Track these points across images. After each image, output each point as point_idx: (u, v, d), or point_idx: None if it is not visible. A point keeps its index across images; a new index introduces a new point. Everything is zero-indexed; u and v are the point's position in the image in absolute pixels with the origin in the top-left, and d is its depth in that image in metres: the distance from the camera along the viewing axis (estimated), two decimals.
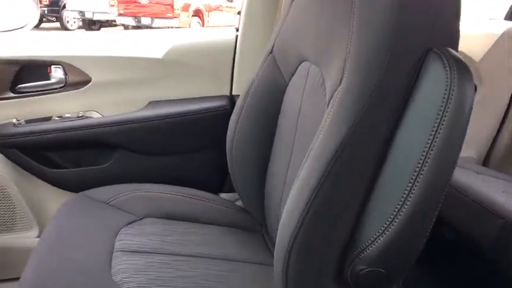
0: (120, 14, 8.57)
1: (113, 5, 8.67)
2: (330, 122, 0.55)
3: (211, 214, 1.00)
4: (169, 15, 7.99)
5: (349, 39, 0.57)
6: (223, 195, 1.24)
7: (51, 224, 0.87)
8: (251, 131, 0.91)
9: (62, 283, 0.70)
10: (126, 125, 1.07)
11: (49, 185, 1.12)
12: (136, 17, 8.27)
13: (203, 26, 8.76)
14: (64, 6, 9.66)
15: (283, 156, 0.83)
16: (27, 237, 1.14)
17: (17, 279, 1.14)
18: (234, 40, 1.14)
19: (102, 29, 10.16)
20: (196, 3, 8.44)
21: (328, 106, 0.60)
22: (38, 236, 1.15)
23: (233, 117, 0.94)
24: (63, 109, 1.08)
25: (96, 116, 1.09)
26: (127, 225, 0.89)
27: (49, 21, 10.20)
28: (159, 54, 1.10)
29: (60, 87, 1.08)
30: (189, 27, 8.21)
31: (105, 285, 0.70)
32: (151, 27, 8.37)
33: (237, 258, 0.87)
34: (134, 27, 8.59)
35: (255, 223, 1.01)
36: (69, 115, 1.07)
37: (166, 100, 1.13)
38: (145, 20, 8.15)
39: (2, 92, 1.06)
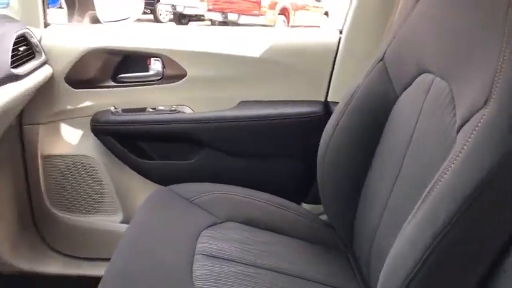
0: (208, 9, 8.88)
1: (203, 0, 9.02)
2: (468, 152, 0.46)
3: (294, 226, 0.94)
4: (256, 12, 8.08)
5: (501, 51, 0.47)
6: (305, 205, 1.17)
7: (138, 215, 0.88)
8: (349, 141, 0.83)
9: (145, 281, 0.69)
10: (215, 123, 1.05)
11: (136, 174, 1.14)
12: (223, 12, 8.49)
13: (288, 24, 8.74)
14: (158, 0, 10.29)
15: (386, 176, 0.74)
16: (111, 221, 1.18)
17: (99, 259, 1.21)
18: (337, 43, 1.06)
19: (190, 23, 10.65)
20: (283, 2, 8.44)
21: (460, 131, 0.50)
22: (122, 221, 1.18)
23: (330, 124, 0.87)
24: (157, 101, 1.09)
25: (187, 111, 1.09)
26: (209, 227, 0.87)
27: (144, 13, 10.95)
28: (256, 53, 1.06)
29: (157, 80, 1.09)
30: (274, 25, 8.24)
31: None
32: (237, 24, 8.55)
33: (318, 279, 0.80)
34: (221, 23, 8.85)
35: (339, 242, 0.93)
36: (162, 108, 1.08)
37: (257, 101, 1.09)
38: (232, 16, 8.34)
39: (104, 80, 1.10)
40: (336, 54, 1.06)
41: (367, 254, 0.76)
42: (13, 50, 0.87)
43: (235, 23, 8.66)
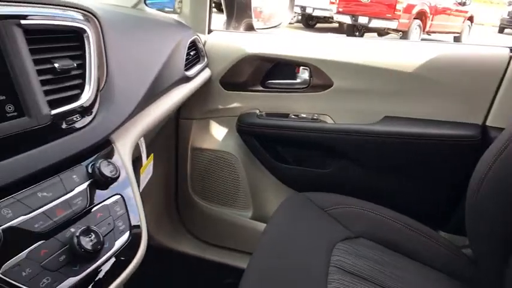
0: (338, 12, 8.75)
1: (333, 3, 8.92)
2: None
3: (432, 255, 0.88)
4: (389, 15, 7.70)
5: None
6: (442, 233, 1.09)
7: (276, 216, 0.92)
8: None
9: (283, 281, 0.73)
10: (357, 136, 1.03)
11: (270, 175, 1.20)
12: (354, 15, 8.29)
13: (423, 30, 8.14)
14: None
15: None
16: (242, 216, 1.26)
17: (225, 247, 1.30)
18: (506, 63, 0.95)
19: (317, 24, 10.67)
20: (421, 5, 7.89)
21: None
22: (251, 217, 1.25)
23: (490, 152, 0.78)
24: (300, 109, 1.12)
25: (328, 121, 1.09)
26: (343, 240, 0.87)
27: None
28: (409, 68, 1.01)
29: (303, 88, 1.12)
30: (408, 30, 7.75)
31: None
32: (367, 27, 8.28)
33: None
34: (349, 26, 8.67)
35: (485, 284, 0.84)
36: (304, 115, 1.11)
37: (403, 117, 1.04)
38: (362, 19, 8.10)
39: (253, 84, 1.17)
40: (504, 75, 0.95)
41: None
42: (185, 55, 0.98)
43: (364, 26, 8.40)
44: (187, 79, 0.96)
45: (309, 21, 10.66)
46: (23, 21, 0.48)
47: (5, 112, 0.45)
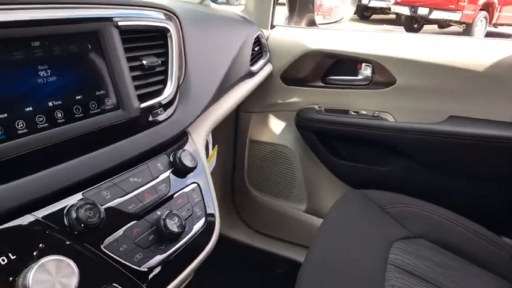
0: (396, 3, 8.41)
1: None
2: None
3: (493, 260, 0.86)
4: (452, 6, 7.28)
5: None
6: (505, 239, 1.04)
7: (333, 212, 0.93)
8: None
9: (341, 275, 0.75)
10: (420, 135, 1.02)
11: (326, 171, 1.21)
12: (413, 6, 7.93)
13: (490, 22, 7.62)
14: None
15: None
16: (296, 209, 1.29)
17: (279, 239, 1.34)
18: None
19: (373, 16, 10.33)
20: None
21: None
22: (305, 211, 1.27)
23: None
24: (361, 105, 1.12)
25: (389, 119, 1.09)
26: (401, 239, 0.87)
27: None
28: (478, 66, 0.97)
29: (365, 85, 1.12)
30: (473, 22, 7.30)
31: None
32: (427, 19, 7.90)
33: None
34: (408, 17, 8.32)
35: None
36: (365, 112, 1.10)
37: (469, 117, 1.01)
38: (422, 10, 7.72)
39: (313, 80, 1.18)
40: None
41: None
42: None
43: (424, 18, 8.01)
44: (252, 74, 1.00)
45: (364, 12, 10.34)
46: (120, 23, 0.53)
47: (105, 105, 0.51)
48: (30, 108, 0.43)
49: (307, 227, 1.25)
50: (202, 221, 0.57)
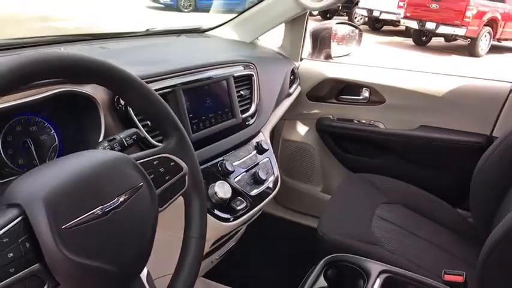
0: (405, 17, 8.81)
1: (402, 7, 8.98)
2: None
3: (445, 218, 1.36)
4: (457, 22, 7.72)
5: None
6: (458, 210, 1.54)
7: (338, 191, 1.44)
8: (497, 169, 1.19)
9: (342, 220, 1.25)
10: (401, 138, 1.52)
11: (337, 161, 1.72)
12: (421, 20, 8.34)
13: (494, 37, 8.04)
14: (356, 4, 10.71)
15: None
16: (315, 190, 1.79)
17: (303, 213, 1.84)
18: (507, 93, 1.38)
19: (384, 27, 10.78)
20: (492, 12, 7.81)
21: None
22: (321, 191, 1.78)
23: (489, 151, 1.22)
24: (362, 116, 1.63)
25: (381, 126, 1.59)
26: (384, 203, 1.37)
27: (339, 15, 11.57)
28: (438, 92, 1.47)
29: (364, 103, 1.63)
30: (477, 36, 7.73)
31: (367, 234, 1.20)
32: (434, 33, 8.31)
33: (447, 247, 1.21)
34: (416, 31, 8.75)
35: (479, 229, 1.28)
36: (364, 121, 1.61)
37: (434, 127, 1.51)
38: (429, 25, 8.15)
39: (329, 98, 1.70)
40: (504, 103, 1.38)
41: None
42: None
43: (431, 32, 8.45)
44: (289, 94, 1.52)
45: (376, 24, 10.75)
46: (235, 74, 1.06)
47: (228, 116, 1.03)
48: (203, 117, 0.96)
49: (322, 202, 1.75)
50: (273, 176, 1.09)
